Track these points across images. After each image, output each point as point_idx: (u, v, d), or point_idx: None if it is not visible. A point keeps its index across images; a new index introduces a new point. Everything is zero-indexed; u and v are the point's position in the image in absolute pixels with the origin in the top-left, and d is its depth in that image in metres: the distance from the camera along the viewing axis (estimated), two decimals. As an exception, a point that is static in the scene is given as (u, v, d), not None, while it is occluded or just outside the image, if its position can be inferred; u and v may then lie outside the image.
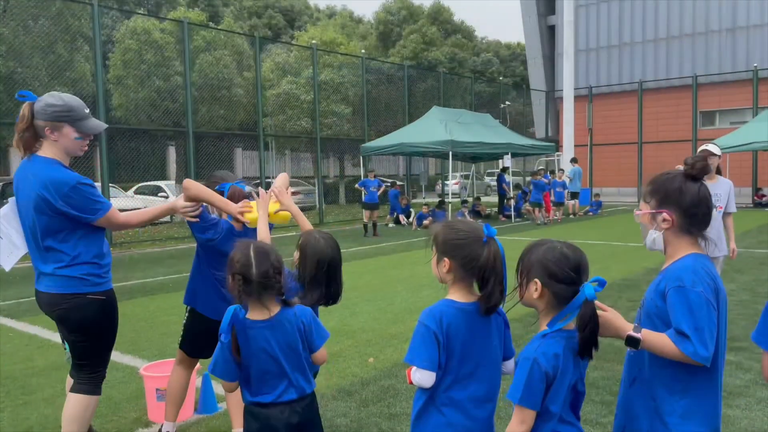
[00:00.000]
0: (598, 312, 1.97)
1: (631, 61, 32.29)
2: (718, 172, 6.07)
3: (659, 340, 1.95)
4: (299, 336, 2.46)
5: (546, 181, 18.74)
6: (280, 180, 3.45)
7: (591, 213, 21.35)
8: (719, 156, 5.98)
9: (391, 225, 18.67)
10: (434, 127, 18.02)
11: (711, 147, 5.98)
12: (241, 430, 3.59)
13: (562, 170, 20.44)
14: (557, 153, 24.36)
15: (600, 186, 28.38)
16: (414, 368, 2.12)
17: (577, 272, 2.00)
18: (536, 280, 2.03)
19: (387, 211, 20.03)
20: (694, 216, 2.09)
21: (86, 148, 3.27)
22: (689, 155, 7.37)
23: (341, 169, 29.87)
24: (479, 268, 2.09)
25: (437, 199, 22.36)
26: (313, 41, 22.96)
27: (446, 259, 2.14)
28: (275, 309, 2.42)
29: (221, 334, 2.37)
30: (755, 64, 26.41)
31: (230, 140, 26.01)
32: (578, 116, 26.11)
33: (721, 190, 5.89)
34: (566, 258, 2.01)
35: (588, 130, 27.95)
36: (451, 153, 17.25)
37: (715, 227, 5.86)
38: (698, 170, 2.10)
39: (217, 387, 4.74)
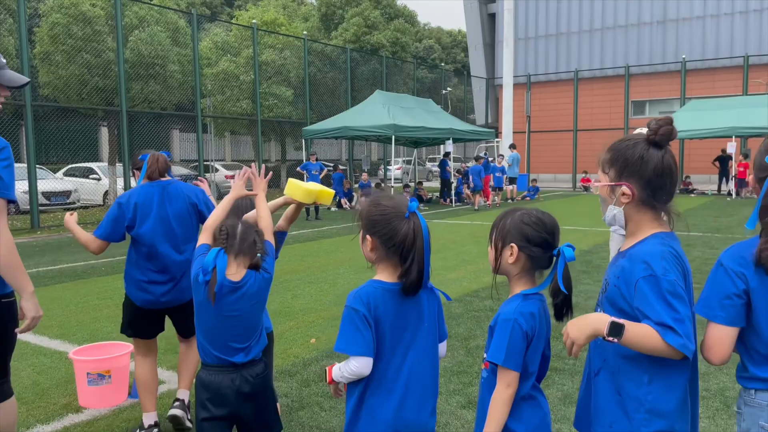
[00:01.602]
0: (567, 326, 1.88)
1: (568, 50, 33.16)
2: None
3: (643, 330, 1.73)
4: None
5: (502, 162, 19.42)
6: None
7: (528, 198, 21.89)
8: None
9: (333, 209, 18.58)
10: (377, 111, 17.99)
11: (645, 131, 6.19)
12: (186, 391, 3.48)
13: (502, 156, 20.84)
14: (497, 139, 24.80)
15: (537, 172, 29.15)
16: (336, 366, 2.06)
17: (552, 236, 2.02)
18: (513, 244, 2.01)
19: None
20: (657, 188, 1.86)
21: None
22: None
23: (283, 152, 29.47)
24: (398, 245, 1.99)
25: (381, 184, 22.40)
26: (254, 21, 22.42)
27: (368, 236, 2.03)
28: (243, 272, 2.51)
29: (200, 273, 2.44)
30: (683, 56, 27.60)
31: (167, 121, 25.18)
32: (517, 103, 26.65)
33: None
34: (542, 222, 2.02)
35: (526, 118, 28.58)
36: (393, 137, 17.27)
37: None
38: (663, 135, 1.85)
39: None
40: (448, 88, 33.57)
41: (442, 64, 35.93)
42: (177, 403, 3.70)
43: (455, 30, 52.54)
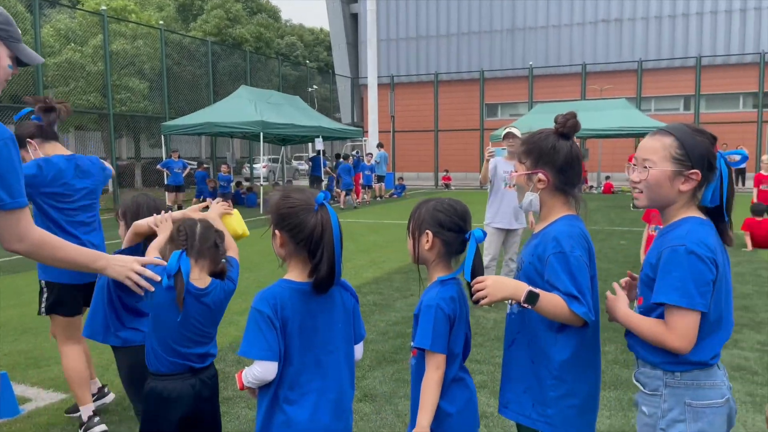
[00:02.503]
0: (488, 277, 1.97)
1: (427, 53, 34.48)
2: None
3: (553, 299, 1.93)
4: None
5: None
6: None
7: (395, 196, 22.46)
8: (520, 138, 6.60)
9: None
10: (243, 106, 17.46)
11: (514, 130, 6.57)
12: (89, 407, 3.27)
13: (370, 154, 21.19)
14: (363, 138, 25.16)
15: (402, 171, 29.95)
16: (244, 371, 1.98)
17: (464, 220, 2.12)
18: (428, 231, 2.10)
19: (193, 194, 19.01)
20: (567, 174, 2.06)
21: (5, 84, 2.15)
22: (477, 143, 7.91)
23: (137, 149, 27.62)
24: (306, 239, 1.93)
25: (246, 183, 21.78)
26: (103, 7, 20.77)
27: (277, 231, 1.97)
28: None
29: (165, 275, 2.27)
30: (530, 63, 29.80)
31: (2, 114, 22.56)
32: (382, 103, 27.20)
33: None
34: (453, 208, 2.11)
35: (391, 117, 29.27)
36: (262, 134, 16.86)
37: (513, 202, 6.50)
38: (569, 128, 2.07)
39: (18, 387, 4.13)
40: (314, 86, 33.46)
41: (307, 61, 35.73)
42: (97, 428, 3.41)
43: (317, 28, 52.47)
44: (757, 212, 9.82)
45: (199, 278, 2.33)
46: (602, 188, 23.34)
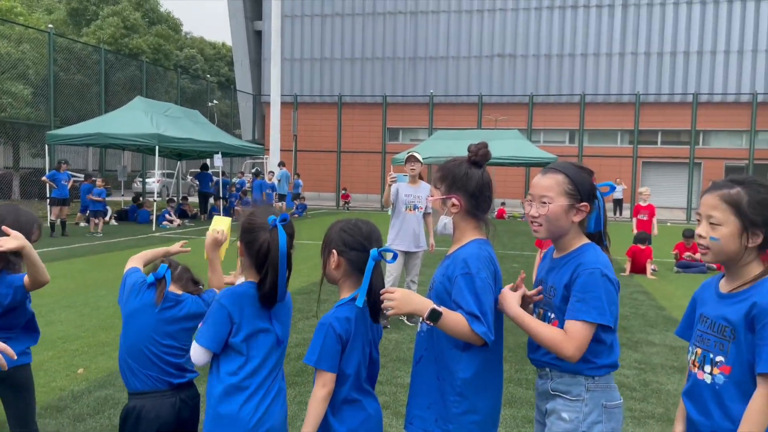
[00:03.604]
0: (394, 290, 2.03)
1: (332, 75, 34.75)
2: (421, 177, 6.85)
3: (456, 318, 2.01)
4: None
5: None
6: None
7: (297, 215, 22.25)
8: (422, 162, 6.79)
9: (82, 224, 16.67)
10: (138, 118, 16.69)
11: (416, 154, 6.75)
12: None
13: (272, 172, 20.91)
14: (264, 156, 24.82)
15: (303, 190, 29.79)
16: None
17: (369, 240, 2.18)
18: (333, 251, 2.18)
19: (77, 208, 17.82)
20: (479, 199, 2.17)
21: None
22: (379, 165, 8.01)
23: (15, 158, 25.60)
24: (254, 254, 2.14)
25: (137, 197, 20.77)
26: (-16, 5, 19.25)
27: (239, 242, 2.20)
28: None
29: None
30: (431, 90, 30.82)
31: None
32: (284, 122, 27.00)
33: (423, 193, 6.62)
34: (359, 228, 2.20)
35: (293, 137, 29.10)
36: (157, 148, 16.18)
37: (414, 226, 6.65)
38: (481, 156, 2.19)
39: None
40: (214, 101, 32.65)
41: (207, 75, 34.83)
42: None
43: (219, 42, 51.42)
44: (640, 240, 10.65)
45: (176, 290, 2.54)
46: (495, 213, 24.44)
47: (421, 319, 2.15)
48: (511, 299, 2.08)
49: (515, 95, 31.94)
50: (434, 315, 1.99)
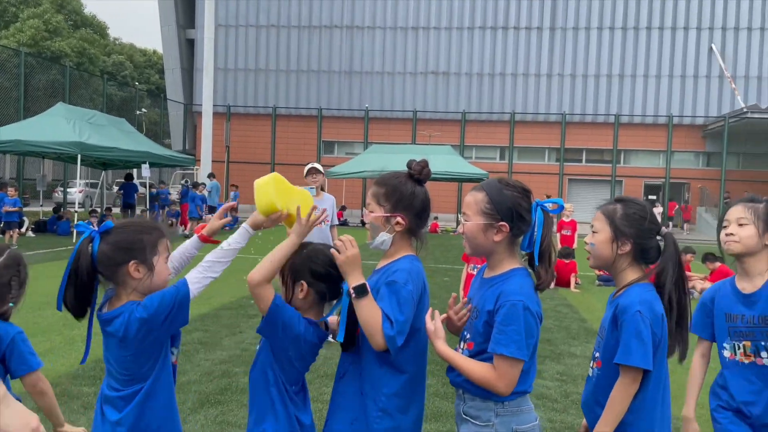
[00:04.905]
0: (351, 244, 2.09)
1: (266, 86, 34.41)
2: (323, 188, 6.81)
3: (375, 309, 2.02)
4: None
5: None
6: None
7: (228, 228, 21.77)
8: (323, 174, 6.79)
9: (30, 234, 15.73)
10: (59, 125, 15.95)
11: (317, 165, 6.72)
12: None
13: (203, 184, 20.43)
14: (195, 167, 24.23)
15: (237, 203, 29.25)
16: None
17: (336, 270, 2.14)
18: (303, 282, 2.18)
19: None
20: (422, 218, 2.19)
21: None
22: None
23: None
24: None
25: (58, 208, 19.79)
26: None
27: None
28: None
29: None
30: (366, 105, 31.03)
31: None
32: (216, 132, 26.49)
33: (327, 204, 6.57)
34: (328, 258, 2.18)
35: (226, 147, 28.58)
36: (80, 157, 15.51)
37: (322, 238, 6.60)
38: (425, 175, 2.20)
39: None
40: (143, 110, 31.64)
41: (136, 83, 33.76)
42: None
43: (150, 50, 50.03)
44: (564, 255, 11.04)
45: None
46: (429, 227, 24.75)
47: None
48: (438, 336, 2.06)
49: (448, 112, 32.63)
50: (362, 289, 2.02)
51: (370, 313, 2.02)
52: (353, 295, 2.04)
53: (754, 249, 2.46)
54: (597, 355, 2.19)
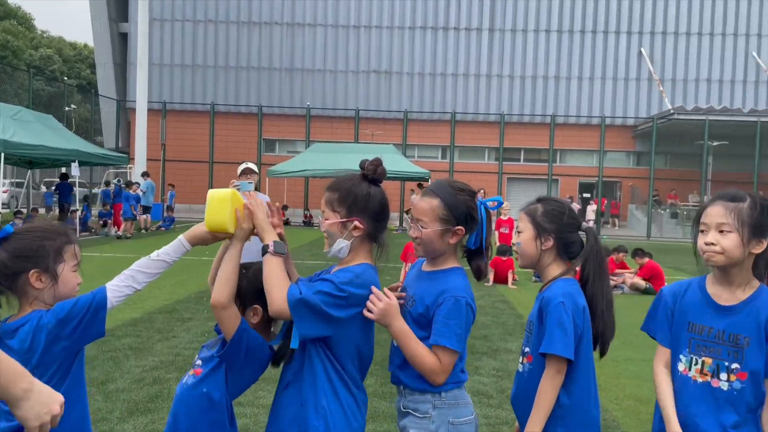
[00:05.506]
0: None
1: (204, 82, 33.59)
2: (257, 189, 6.69)
3: (282, 270, 2.03)
4: None
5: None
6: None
7: (164, 228, 21.14)
8: (258, 173, 6.67)
9: None
10: (-20, 121, 15.08)
11: (251, 165, 6.60)
12: None
13: (137, 183, 19.74)
14: (129, 165, 23.42)
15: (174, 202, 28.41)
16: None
17: None
18: (256, 306, 2.15)
19: None
20: (380, 221, 2.10)
21: None
22: (247, 175, 7.32)
23: None
24: None
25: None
26: None
27: None
28: None
29: None
30: (308, 103, 30.74)
31: None
32: (151, 130, 25.65)
33: None
34: None
35: (161, 145, 27.73)
36: (3, 155, 14.69)
37: (256, 243, 6.46)
38: (380, 174, 2.08)
39: None
40: (72, 106, 30.30)
41: (65, 78, 32.32)
42: None
43: (80, 43, 48.01)
44: (502, 252, 11.25)
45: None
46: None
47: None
48: (397, 311, 2.05)
49: (391, 111, 32.75)
50: (279, 246, 2.04)
51: (279, 273, 2.01)
52: (270, 249, 2.01)
53: (738, 260, 2.08)
54: (527, 350, 2.23)
